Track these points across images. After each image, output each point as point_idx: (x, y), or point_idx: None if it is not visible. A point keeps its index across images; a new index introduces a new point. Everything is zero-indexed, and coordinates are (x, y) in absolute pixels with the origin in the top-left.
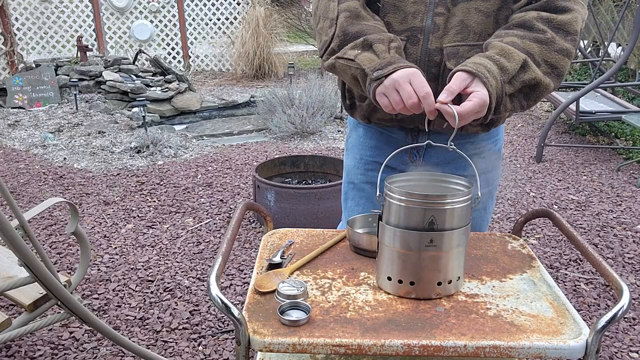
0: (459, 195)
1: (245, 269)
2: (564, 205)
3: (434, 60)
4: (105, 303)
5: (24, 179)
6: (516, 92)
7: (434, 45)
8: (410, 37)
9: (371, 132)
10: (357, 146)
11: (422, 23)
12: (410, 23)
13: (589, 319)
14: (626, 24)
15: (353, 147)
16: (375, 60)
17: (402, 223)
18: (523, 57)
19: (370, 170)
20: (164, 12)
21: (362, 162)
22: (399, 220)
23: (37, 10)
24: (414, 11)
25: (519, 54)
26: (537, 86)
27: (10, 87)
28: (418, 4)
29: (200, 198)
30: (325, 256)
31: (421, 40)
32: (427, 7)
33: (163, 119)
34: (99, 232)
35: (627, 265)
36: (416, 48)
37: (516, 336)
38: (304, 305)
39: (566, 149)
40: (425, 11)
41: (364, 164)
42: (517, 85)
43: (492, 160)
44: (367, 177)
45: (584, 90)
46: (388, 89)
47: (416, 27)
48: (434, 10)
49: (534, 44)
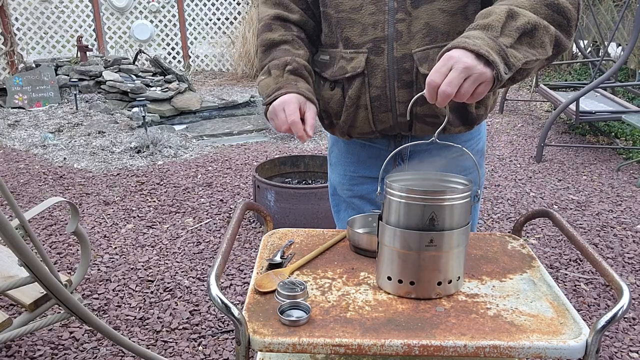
0: (458, 191)
1: (245, 269)
2: (564, 205)
3: (404, 67)
4: (105, 303)
5: (24, 179)
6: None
7: (400, 52)
8: (373, 48)
9: (352, 147)
10: (340, 162)
11: (384, 32)
12: (371, 34)
13: (589, 319)
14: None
15: (336, 164)
16: (270, 86)
17: (402, 220)
18: (505, 8)
19: (356, 185)
20: (164, 12)
21: (347, 177)
22: (399, 217)
23: (37, 10)
24: (373, 22)
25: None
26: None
27: (10, 87)
28: (376, 14)
29: (200, 198)
30: (325, 256)
31: (385, 49)
32: (385, 15)
33: (163, 119)
34: (99, 232)
35: (627, 265)
36: (381, 58)
37: (516, 336)
38: (304, 305)
39: (566, 149)
40: (384, 20)
41: (349, 179)
42: (513, 34)
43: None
44: (353, 192)
45: (584, 90)
46: (271, 114)
47: (378, 37)
48: (394, 17)
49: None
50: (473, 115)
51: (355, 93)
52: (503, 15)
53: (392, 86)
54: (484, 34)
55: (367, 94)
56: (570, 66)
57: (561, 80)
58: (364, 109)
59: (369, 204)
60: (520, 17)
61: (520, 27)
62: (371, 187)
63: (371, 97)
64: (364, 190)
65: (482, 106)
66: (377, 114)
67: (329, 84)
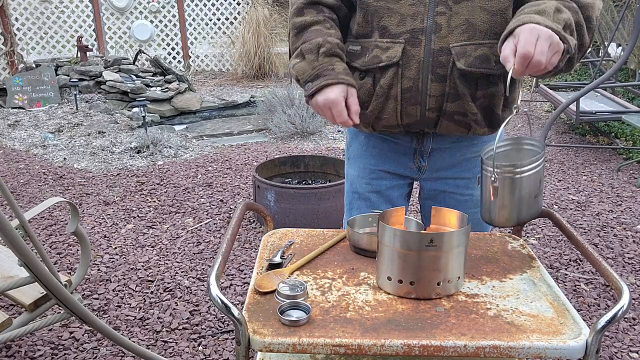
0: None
1: (245, 269)
2: (564, 205)
3: (439, 60)
4: (105, 303)
5: (24, 179)
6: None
7: (438, 45)
8: (410, 39)
9: (374, 140)
10: (360, 156)
11: (423, 24)
12: (409, 25)
13: (589, 319)
14: (626, 24)
15: (356, 157)
16: (306, 72)
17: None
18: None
19: (375, 179)
20: (164, 12)
21: (367, 171)
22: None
23: (37, 10)
24: (412, 13)
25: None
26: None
27: (10, 87)
28: (417, 6)
29: (200, 198)
30: (325, 256)
31: (423, 41)
32: (426, 7)
33: (163, 119)
34: (99, 232)
35: (627, 265)
36: (418, 50)
37: (516, 336)
38: (304, 305)
39: (566, 149)
40: (424, 12)
41: (369, 172)
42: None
43: None
44: (372, 187)
45: (584, 90)
46: (316, 108)
47: (417, 28)
48: (434, 9)
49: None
50: (499, 116)
51: (387, 83)
52: (552, 7)
53: (425, 79)
54: (541, 16)
55: (399, 84)
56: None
57: (561, 80)
58: (393, 99)
59: (386, 203)
60: (564, 12)
61: (565, 19)
62: (389, 182)
63: (402, 89)
64: (383, 186)
65: (507, 109)
66: (406, 106)
67: (359, 73)
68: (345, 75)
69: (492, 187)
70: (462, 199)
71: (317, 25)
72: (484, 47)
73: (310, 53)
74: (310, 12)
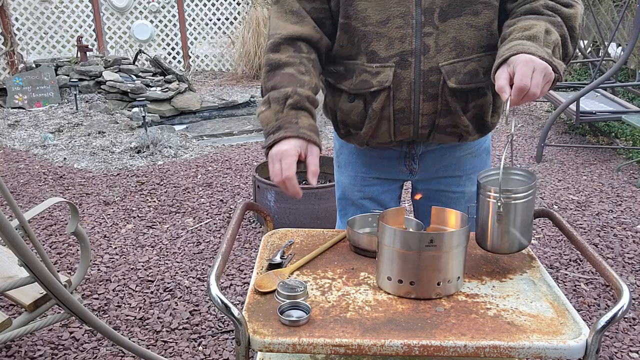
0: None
1: (245, 269)
2: (564, 205)
3: (430, 80)
4: (105, 303)
5: (24, 179)
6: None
7: (427, 65)
8: (400, 61)
9: (364, 148)
10: (351, 163)
11: (411, 46)
12: (398, 48)
13: (589, 319)
14: (626, 24)
15: (347, 165)
16: (270, 123)
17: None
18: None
19: (368, 186)
20: (164, 12)
21: (359, 178)
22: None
23: (37, 10)
24: (400, 36)
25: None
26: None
27: (10, 87)
28: (404, 28)
29: (200, 198)
30: (325, 256)
31: (412, 63)
32: (413, 29)
33: (163, 119)
34: (99, 232)
35: (627, 265)
36: (408, 72)
37: (516, 336)
38: (304, 305)
39: (566, 149)
40: (412, 34)
41: (361, 180)
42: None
43: (482, 158)
44: (364, 194)
45: (584, 90)
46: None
47: (405, 51)
48: (421, 30)
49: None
50: (489, 123)
51: (380, 106)
52: (542, 30)
53: (417, 99)
54: (533, 43)
55: (391, 106)
56: (570, 66)
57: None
58: (386, 121)
59: (379, 207)
60: (552, 33)
61: (554, 41)
62: (382, 188)
63: (395, 110)
64: (375, 192)
65: (496, 114)
66: (399, 125)
67: (347, 96)
68: (309, 130)
69: (497, 214)
70: (453, 197)
71: (291, 67)
72: (472, 62)
73: (276, 103)
74: (286, 49)
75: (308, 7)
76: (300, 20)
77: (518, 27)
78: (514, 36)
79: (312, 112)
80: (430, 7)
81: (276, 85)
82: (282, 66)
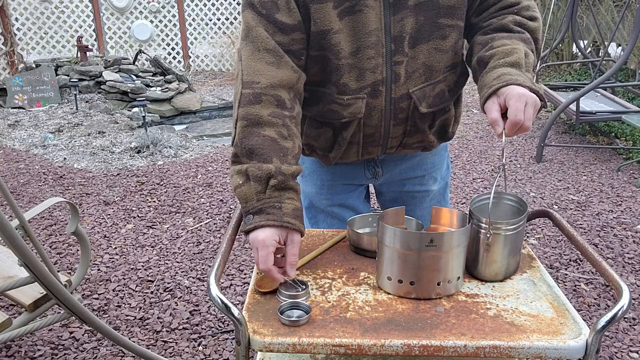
0: None
1: (245, 269)
2: (564, 205)
3: (400, 106)
4: (105, 303)
5: (24, 179)
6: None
7: (398, 93)
8: (371, 91)
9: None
10: (315, 172)
11: (382, 75)
12: (369, 79)
13: (589, 319)
14: (626, 24)
15: (311, 174)
16: (249, 201)
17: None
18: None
19: (335, 194)
20: (164, 12)
21: (325, 187)
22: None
23: (37, 10)
24: (372, 66)
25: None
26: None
27: (10, 87)
28: (375, 58)
29: (200, 198)
30: (325, 256)
31: (383, 92)
32: (384, 58)
33: (163, 119)
34: (99, 232)
35: (627, 265)
36: (379, 100)
37: (516, 336)
38: (304, 305)
39: (566, 149)
40: (382, 63)
41: (327, 188)
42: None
43: (441, 155)
44: (332, 201)
45: (584, 90)
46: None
47: (377, 80)
48: (391, 59)
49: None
50: (450, 133)
51: (350, 134)
52: (522, 54)
53: (388, 124)
54: (518, 71)
55: (360, 133)
56: (570, 66)
57: (561, 81)
58: (356, 145)
59: (349, 211)
60: (529, 55)
61: (532, 63)
62: (348, 193)
63: (364, 135)
64: (342, 198)
65: (456, 123)
66: (368, 147)
67: (314, 122)
68: (292, 218)
69: (486, 244)
70: (418, 196)
71: (272, 129)
72: (440, 83)
73: (257, 182)
74: (268, 104)
75: (285, 41)
76: (278, 61)
77: (499, 52)
78: (497, 63)
79: (296, 190)
80: (400, 35)
81: (255, 149)
82: (263, 125)
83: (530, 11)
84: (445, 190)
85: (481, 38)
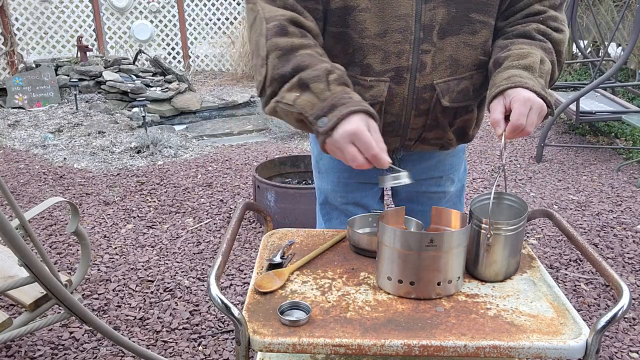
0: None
1: (245, 269)
2: (564, 205)
3: (423, 97)
4: (105, 303)
5: (24, 179)
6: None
7: (422, 83)
8: (395, 77)
9: None
10: (332, 169)
11: (408, 62)
12: (393, 63)
13: (589, 319)
14: (626, 24)
15: (328, 171)
16: (316, 104)
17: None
18: (538, 53)
19: (351, 192)
20: (164, 12)
21: (341, 184)
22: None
23: (37, 10)
24: (397, 51)
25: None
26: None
27: (10, 87)
28: (402, 44)
29: (200, 198)
30: (325, 256)
31: (407, 79)
32: (411, 45)
33: (163, 119)
34: (99, 232)
35: (627, 265)
36: (403, 87)
37: (516, 336)
38: (304, 305)
39: (566, 149)
40: (410, 50)
41: (343, 186)
42: (544, 76)
43: (459, 157)
44: (347, 199)
45: (584, 90)
46: (333, 149)
47: (402, 66)
48: (419, 47)
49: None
50: (470, 136)
51: None
52: (538, 59)
53: (409, 114)
54: (530, 75)
55: (381, 120)
56: (570, 66)
57: (561, 81)
58: None
59: (363, 210)
60: (546, 62)
61: (547, 71)
62: (364, 192)
63: (385, 123)
64: (358, 197)
65: (477, 127)
66: (387, 137)
67: None
68: (364, 103)
69: (486, 244)
70: (435, 197)
71: (307, 49)
72: (465, 80)
73: (317, 81)
74: (295, 33)
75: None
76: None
77: (514, 54)
78: (510, 64)
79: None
80: (430, 24)
81: (300, 66)
82: (297, 49)
83: (558, 22)
84: (462, 192)
85: (502, 42)
